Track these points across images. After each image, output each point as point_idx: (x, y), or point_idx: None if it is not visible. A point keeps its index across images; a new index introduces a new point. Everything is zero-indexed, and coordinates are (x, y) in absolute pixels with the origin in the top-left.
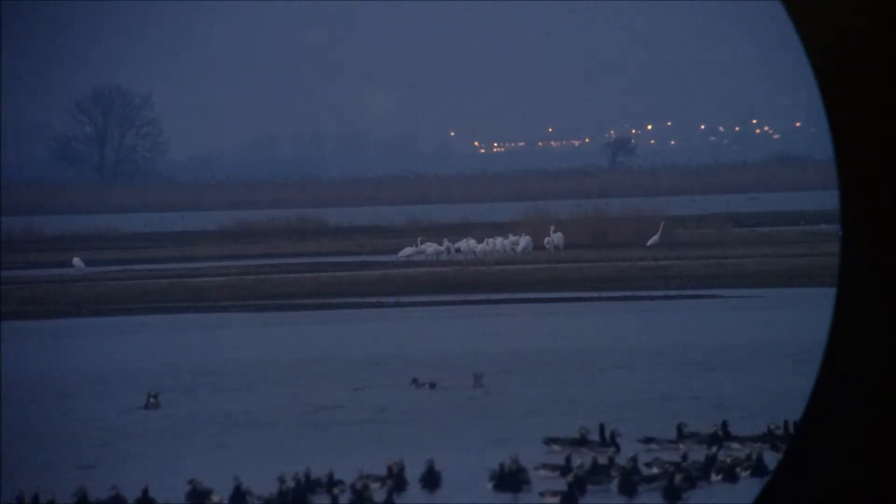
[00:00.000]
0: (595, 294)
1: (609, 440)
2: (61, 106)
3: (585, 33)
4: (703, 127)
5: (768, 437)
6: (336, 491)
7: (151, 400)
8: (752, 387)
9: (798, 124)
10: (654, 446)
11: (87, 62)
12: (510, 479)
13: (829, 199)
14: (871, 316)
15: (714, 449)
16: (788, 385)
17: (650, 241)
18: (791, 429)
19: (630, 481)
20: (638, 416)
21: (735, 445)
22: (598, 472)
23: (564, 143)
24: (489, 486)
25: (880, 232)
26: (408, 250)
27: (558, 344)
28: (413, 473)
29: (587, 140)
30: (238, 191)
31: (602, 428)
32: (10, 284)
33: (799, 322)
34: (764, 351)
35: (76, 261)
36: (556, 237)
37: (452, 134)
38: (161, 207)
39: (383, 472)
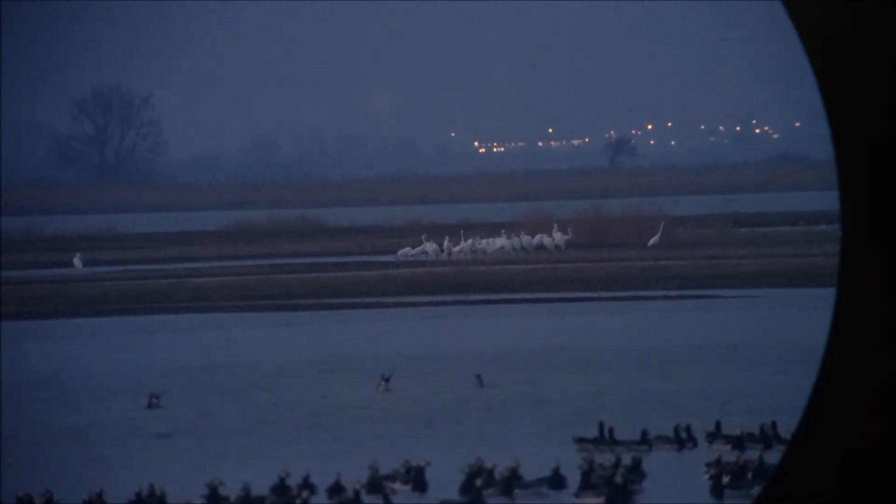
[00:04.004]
0: (595, 294)
1: (642, 439)
2: (61, 106)
3: (586, 33)
4: (703, 127)
5: (752, 438)
6: (306, 494)
7: (153, 400)
8: (750, 387)
9: (798, 124)
10: (643, 446)
11: (87, 62)
12: (474, 481)
13: (829, 200)
14: (871, 316)
15: (712, 448)
16: (787, 385)
17: (651, 242)
18: (773, 430)
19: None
20: (635, 415)
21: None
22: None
23: (564, 143)
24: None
25: (880, 232)
26: (406, 250)
27: (558, 344)
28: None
29: (587, 140)
30: (238, 191)
31: (602, 426)
32: (10, 284)
33: (798, 322)
34: (763, 351)
35: (76, 261)
36: (557, 237)
37: (452, 134)
38: (161, 207)
39: (382, 473)
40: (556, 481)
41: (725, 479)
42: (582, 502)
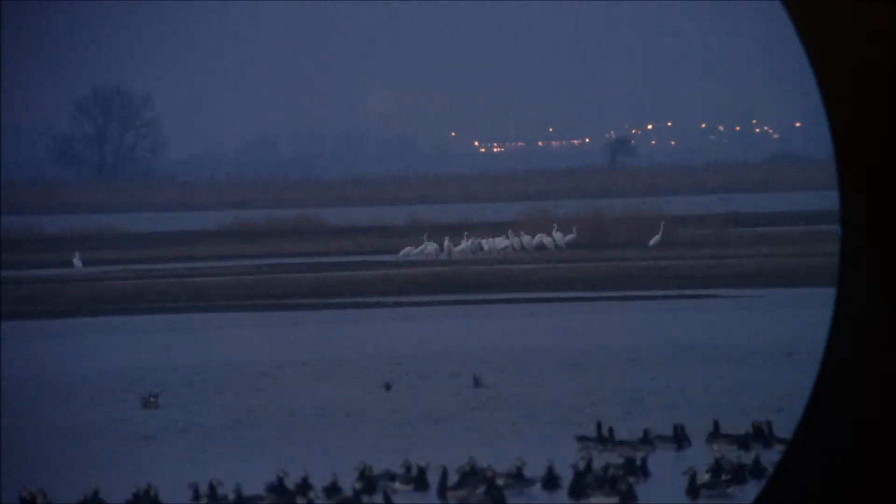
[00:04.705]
0: (595, 294)
1: (643, 438)
2: (61, 106)
3: (586, 33)
4: (703, 126)
5: (750, 438)
6: (311, 495)
7: (151, 400)
8: (750, 386)
9: (798, 124)
10: (646, 446)
11: (87, 62)
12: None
13: (829, 199)
14: (871, 316)
15: (715, 448)
16: (787, 385)
17: (652, 241)
18: (769, 430)
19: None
20: (635, 415)
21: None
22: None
23: (565, 143)
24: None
25: (880, 232)
26: (408, 250)
27: (558, 343)
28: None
29: (587, 140)
30: (237, 190)
31: (599, 426)
32: (10, 284)
33: (798, 322)
34: (763, 351)
35: (76, 260)
36: (557, 237)
37: (453, 134)
38: (161, 207)
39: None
40: (550, 481)
41: (725, 478)
42: (592, 502)
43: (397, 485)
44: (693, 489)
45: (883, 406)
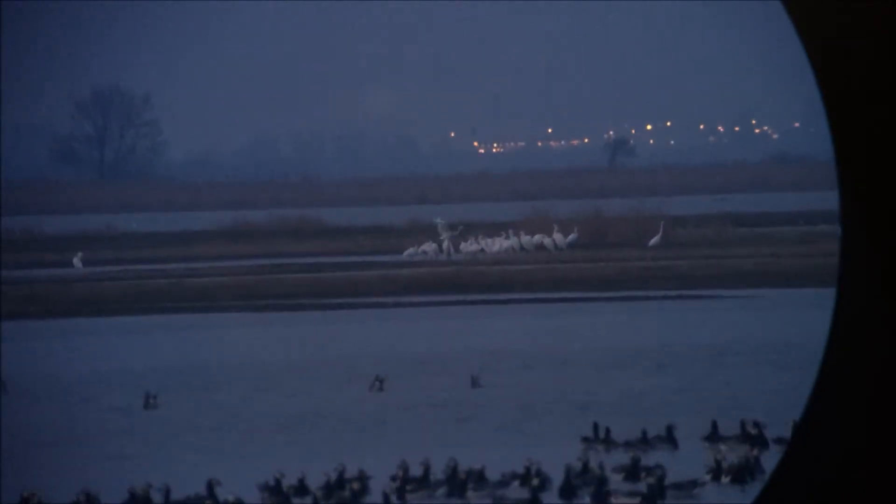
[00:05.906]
0: (595, 294)
1: (642, 439)
2: (61, 106)
3: (585, 33)
4: (702, 127)
5: (748, 438)
6: (317, 494)
7: (150, 400)
8: (749, 386)
9: (797, 124)
10: (643, 446)
11: (87, 62)
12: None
13: (829, 200)
14: (871, 316)
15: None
16: (786, 385)
17: (652, 241)
18: (763, 430)
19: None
20: (633, 416)
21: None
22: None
23: (564, 143)
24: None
25: (880, 232)
26: (411, 251)
27: (557, 344)
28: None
29: (587, 140)
30: (237, 191)
31: (596, 427)
32: (10, 284)
33: (798, 322)
34: (763, 351)
35: (76, 260)
36: (558, 237)
37: (452, 134)
38: (160, 207)
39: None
40: (542, 483)
41: (725, 479)
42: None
43: (395, 484)
44: (660, 489)
45: (883, 406)
